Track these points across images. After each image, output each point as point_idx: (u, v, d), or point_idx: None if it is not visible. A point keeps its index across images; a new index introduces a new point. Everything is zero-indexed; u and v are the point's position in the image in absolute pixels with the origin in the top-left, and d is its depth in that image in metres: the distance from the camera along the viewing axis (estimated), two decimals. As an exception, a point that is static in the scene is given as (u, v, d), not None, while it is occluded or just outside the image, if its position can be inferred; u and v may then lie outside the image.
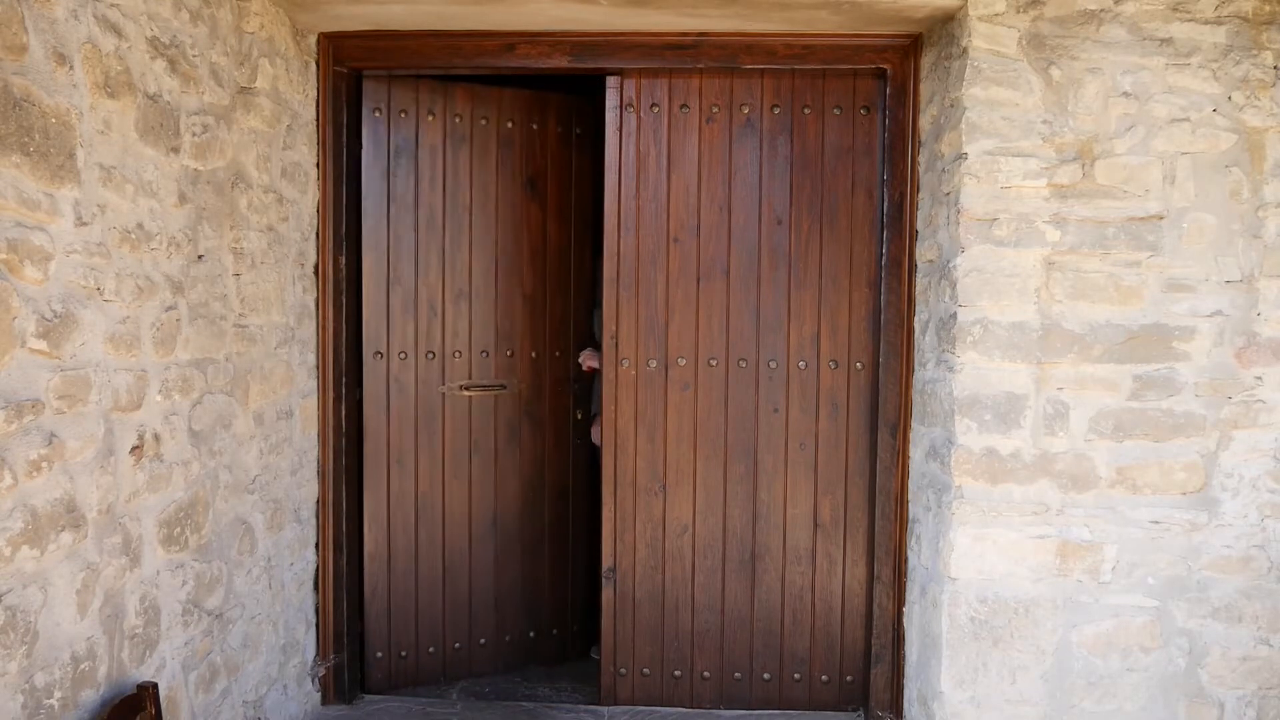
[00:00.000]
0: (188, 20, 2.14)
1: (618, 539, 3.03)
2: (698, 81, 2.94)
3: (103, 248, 1.83)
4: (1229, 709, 2.56)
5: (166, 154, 2.06)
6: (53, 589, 1.68)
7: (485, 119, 3.12)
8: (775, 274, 2.96)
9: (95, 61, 1.78)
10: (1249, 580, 2.53)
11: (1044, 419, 2.53)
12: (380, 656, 3.13)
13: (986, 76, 2.48)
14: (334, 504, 2.97)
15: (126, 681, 1.93)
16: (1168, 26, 2.46)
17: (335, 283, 2.94)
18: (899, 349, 2.88)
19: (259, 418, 2.55)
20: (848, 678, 3.04)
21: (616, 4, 2.59)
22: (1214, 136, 2.47)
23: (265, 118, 2.55)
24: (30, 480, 1.61)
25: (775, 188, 2.95)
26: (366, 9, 2.66)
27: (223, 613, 2.38)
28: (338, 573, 3.00)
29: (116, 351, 1.88)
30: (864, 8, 2.58)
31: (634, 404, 2.99)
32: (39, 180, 1.63)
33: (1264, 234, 2.48)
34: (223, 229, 2.34)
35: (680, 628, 3.05)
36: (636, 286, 2.97)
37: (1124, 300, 2.50)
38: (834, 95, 2.93)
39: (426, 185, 3.07)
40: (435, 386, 3.12)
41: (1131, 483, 2.53)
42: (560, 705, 3.06)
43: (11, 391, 1.57)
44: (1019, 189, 2.50)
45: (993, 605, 2.57)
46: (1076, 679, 2.57)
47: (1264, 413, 2.51)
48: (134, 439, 1.95)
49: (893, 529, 2.91)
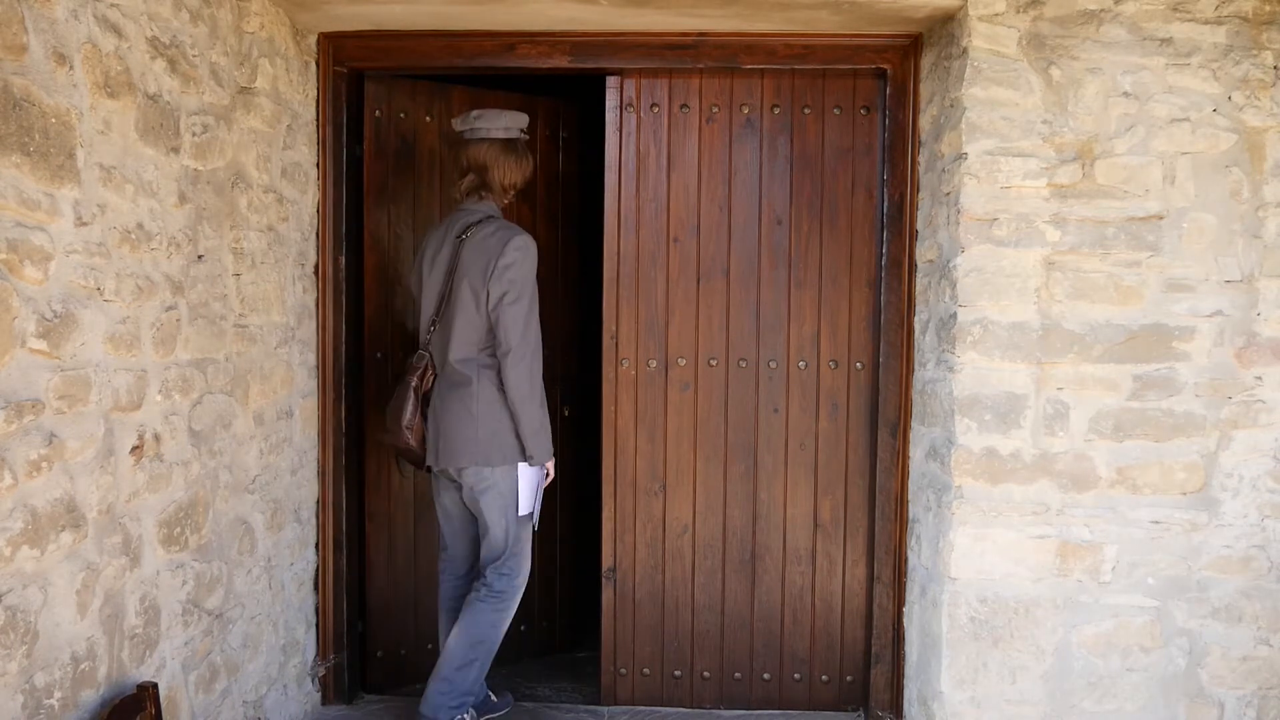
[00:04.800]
0: (188, 20, 2.14)
1: (618, 539, 3.03)
2: (698, 81, 2.94)
3: (103, 248, 1.83)
4: (1229, 709, 2.56)
5: (166, 154, 2.06)
6: (53, 589, 1.68)
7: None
8: (775, 274, 2.96)
9: (95, 61, 1.78)
10: (1249, 580, 2.53)
11: (1044, 419, 2.53)
12: (380, 656, 3.13)
13: (986, 76, 2.48)
14: (334, 504, 2.98)
15: (126, 681, 1.93)
16: (1168, 26, 2.46)
17: (335, 283, 2.94)
18: (899, 349, 2.88)
19: (259, 418, 2.56)
20: (848, 678, 3.04)
21: (616, 4, 2.60)
22: (1214, 136, 2.47)
23: (265, 118, 2.55)
24: (30, 480, 1.61)
25: (775, 188, 2.96)
26: (366, 9, 2.66)
27: (223, 613, 2.38)
28: (338, 573, 3.00)
29: (116, 351, 1.88)
30: (864, 8, 2.58)
31: (634, 404, 2.99)
32: (39, 180, 1.63)
33: (1264, 234, 2.48)
34: (223, 229, 2.34)
35: (680, 628, 3.05)
36: (636, 286, 2.97)
37: (1124, 300, 2.50)
38: (834, 95, 2.94)
39: (424, 186, 3.08)
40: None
41: (1131, 483, 2.53)
42: (560, 705, 3.06)
43: (11, 391, 1.57)
44: (1019, 189, 2.50)
45: (993, 605, 2.57)
46: (1076, 679, 2.57)
47: (1264, 413, 2.51)
48: (134, 439, 1.95)
49: (893, 529, 2.91)
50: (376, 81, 2.99)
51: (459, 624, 2.66)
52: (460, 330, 2.56)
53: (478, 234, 2.57)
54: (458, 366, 2.57)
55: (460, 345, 2.57)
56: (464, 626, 2.65)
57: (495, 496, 2.60)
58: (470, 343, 2.57)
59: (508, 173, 2.66)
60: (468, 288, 2.55)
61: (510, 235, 2.56)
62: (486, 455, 2.56)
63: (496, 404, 2.56)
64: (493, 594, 2.64)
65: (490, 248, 2.54)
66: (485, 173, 2.65)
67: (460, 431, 2.55)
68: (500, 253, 2.52)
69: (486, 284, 2.52)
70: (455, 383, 2.58)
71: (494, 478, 2.59)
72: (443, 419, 2.58)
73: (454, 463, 2.58)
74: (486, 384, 2.56)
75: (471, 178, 2.66)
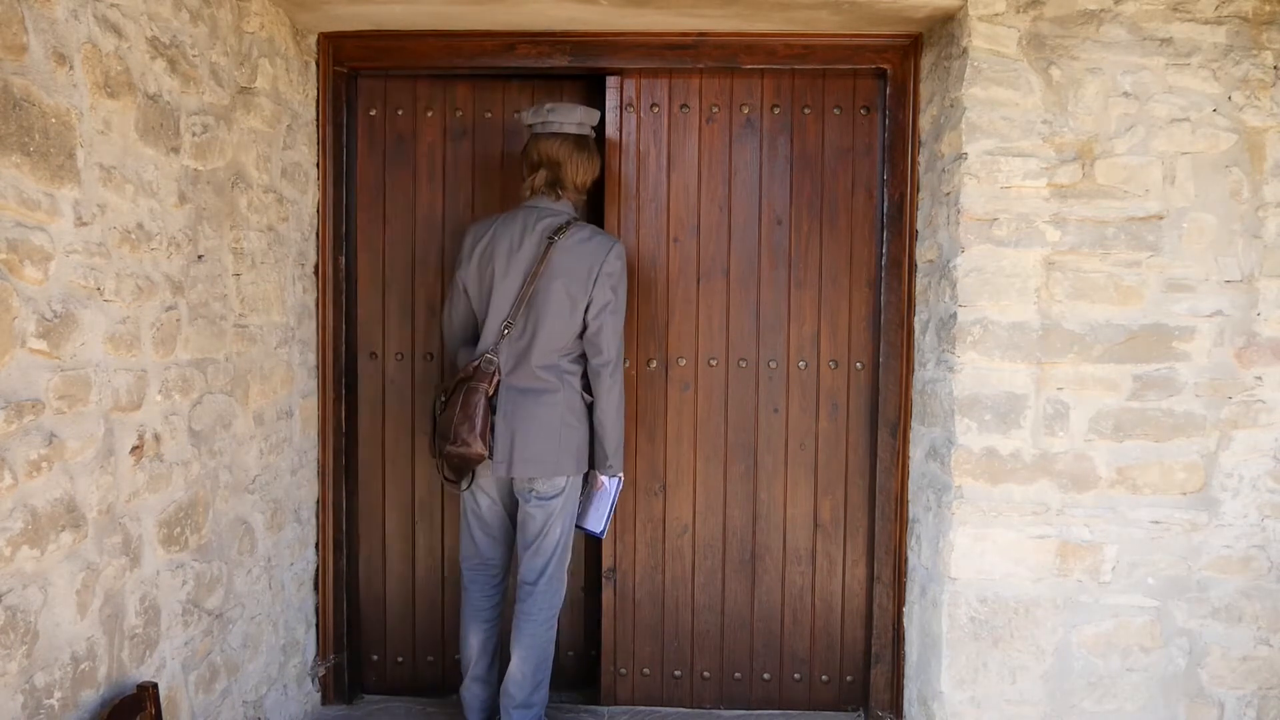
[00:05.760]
0: (188, 20, 2.14)
1: (618, 539, 3.03)
2: (698, 81, 2.94)
3: (103, 248, 1.83)
4: (1229, 709, 2.56)
5: (166, 154, 2.06)
6: (53, 589, 1.68)
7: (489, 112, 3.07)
8: (775, 274, 2.96)
9: (95, 61, 1.78)
10: (1249, 580, 2.53)
11: (1044, 419, 2.53)
12: (376, 659, 3.12)
13: (986, 76, 2.48)
14: (334, 504, 2.98)
15: (126, 681, 1.93)
16: (1168, 26, 2.46)
17: (335, 283, 2.94)
18: (899, 349, 2.88)
19: (259, 418, 2.56)
20: (848, 678, 3.04)
21: (616, 4, 2.60)
22: (1214, 136, 2.47)
23: (265, 118, 2.55)
24: (30, 480, 1.61)
25: (775, 188, 2.96)
26: (366, 9, 2.66)
27: (223, 613, 2.38)
28: (338, 573, 3.00)
29: (116, 351, 1.88)
30: (864, 8, 2.58)
31: (634, 404, 2.99)
32: (39, 180, 1.63)
33: (1264, 234, 2.48)
34: (223, 229, 2.34)
35: (680, 628, 3.05)
36: (636, 286, 2.97)
37: (1124, 300, 2.50)
38: (834, 95, 2.94)
39: (424, 183, 3.07)
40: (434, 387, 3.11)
41: (1131, 483, 2.53)
42: (560, 705, 3.06)
43: (11, 391, 1.57)
44: (1019, 189, 2.50)
45: (993, 605, 2.57)
46: (1076, 679, 2.57)
47: (1264, 413, 2.51)
48: (134, 439, 1.95)
49: (893, 529, 2.91)
50: (372, 78, 2.98)
51: (519, 649, 2.61)
52: (547, 336, 2.47)
53: (572, 237, 2.49)
54: (540, 373, 2.48)
55: (545, 352, 2.48)
56: (526, 651, 2.60)
57: (563, 505, 2.56)
58: (556, 350, 2.49)
59: (580, 170, 2.58)
60: (563, 292, 2.46)
61: (613, 243, 2.52)
62: (567, 464, 2.51)
63: (580, 412, 2.53)
64: (548, 611, 2.62)
65: (591, 253, 2.47)
66: (559, 169, 2.56)
67: (544, 439, 2.47)
68: (605, 259, 2.47)
69: (590, 291, 2.46)
70: (536, 389, 2.49)
71: (567, 486, 2.56)
72: (520, 426, 2.47)
73: (533, 471, 2.49)
74: (571, 392, 2.51)
75: (544, 173, 2.57)
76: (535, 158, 2.58)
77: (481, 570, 2.72)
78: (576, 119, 2.57)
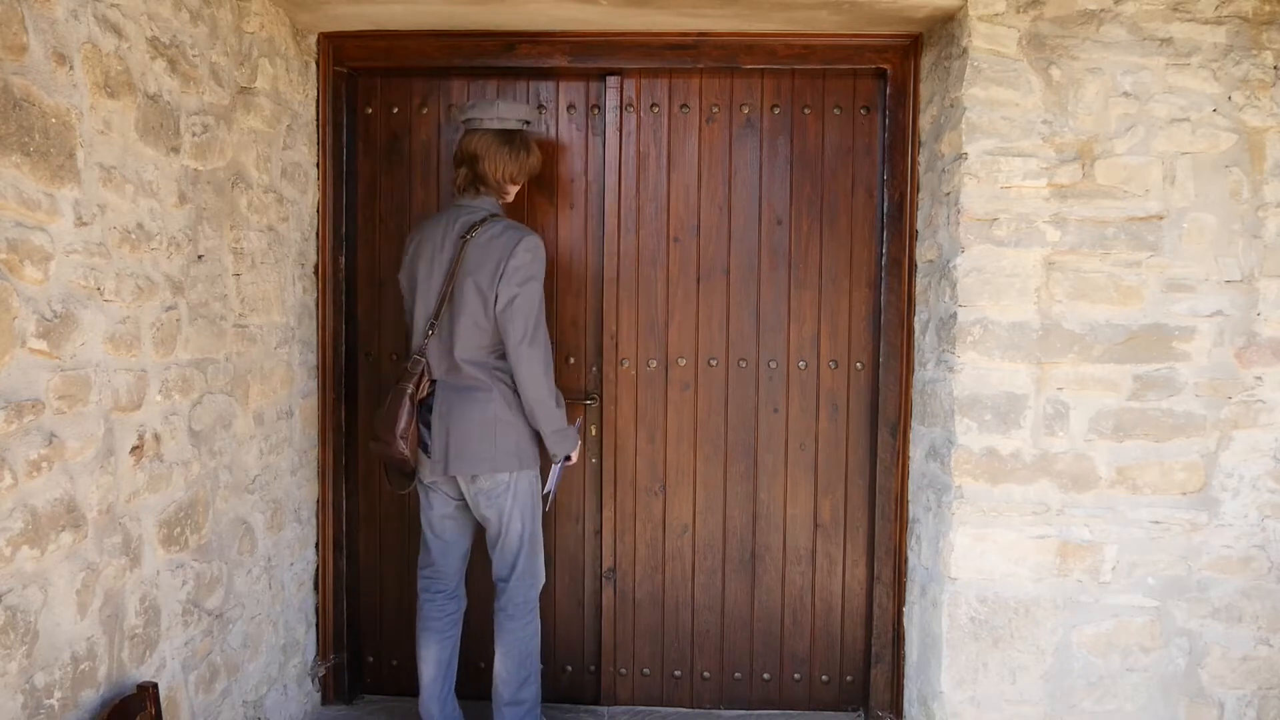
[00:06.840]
0: (188, 20, 2.14)
1: (618, 539, 3.03)
2: (698, 81, 2.94)
3: (103, 248, 1.83)
4: (1229, 709, 2.56)
5: (166, 154, 2.06)
6: (53, 589, 1.68)
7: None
8: (775, 274, 2.96)
9: (95, 61, 1.78)
10: (1249, 580, 2.53)
11: (1044, 419, 2.53)
12: (376, 659, 3.13)
13: (986, 76, 2.48)
14: (334, 504, 2.98)
15: (126, 681, 1.93)
16: (1168, 26, 2.46)
17: (336, 283, 2.94)
18: (899, 349, 2.88)
19: (259, 417, 2.56)
20: (848, 678, 3.04)
21: (616, 4, 2.60)
22: (1214, 136, 2.47)
23: (265, 118, 2.55)
24: (30, 480, 1.61)
25: (775, 188, 2.96)
26: (366, 9, 2.66)
27: (223, 613, 2.38)
28: (338, 573, 3.00)
29: (116, 351, 1.88)
30: (864, 8, 2.58)
31: (634, 404, 2.99)
32: (39, 180, 1.63)
33: (1264, 234, 2.48)
34: (223, 229, 2.34)
35: (680, 628, 3.05)
36: (636, 286, 2.97)
37: (1124, 300, 2.50)
38: (834, 95, 2.94)
39: (419, 181, 3.06)
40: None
41: (1131, 483, 2.53)
42: (560, 705, 3.06)
43: (11, 391, 1.57)
44: (1019, 189, 2.50)
45: (993, 605, 2.57)
46: (1076, 679, 2.57)
47: (1264, 413, 2.51)
48: (134, 439, 1.95)
49: (893, 529, 2.91)
50: (369, 76, 2.97)
51: (501, 647, 2.60)
52: (465, 333, 2.47)
53: (483, 234, 2.47)
54: (468, 370, 2.48)
55: (465, 349, 2.47)
56: (508, 648, 2.59)
57: (515, 501, 2.54)
58: (477, 346, 2.48)
59: (500, 165, 2.52)
60: (473, 289, 2.45)
61: (520, 235, 2.46)
62: (506, 461, 2.48)
63: (515, 408, 2.49)
64: (525, 608, 2.60)
65: (498, 248, 2.44)
66: (476, 164, 2.52)
67: (478, 438, 2.46)
68: (510, 254, 2.43)
69: (496, 286, 2.43)
70: (467, 388, 2.48)
71: (514, 483, 2.53)
72: (455, 426, 2.46)
73: (469, 470, 2.48)
74: (504, 388, 2.49)
75: (465, 170, 2.55)
76: (458, 154, 2.58)
77: (434, 580, 2.68)
78: (497, 113, 2.53)
